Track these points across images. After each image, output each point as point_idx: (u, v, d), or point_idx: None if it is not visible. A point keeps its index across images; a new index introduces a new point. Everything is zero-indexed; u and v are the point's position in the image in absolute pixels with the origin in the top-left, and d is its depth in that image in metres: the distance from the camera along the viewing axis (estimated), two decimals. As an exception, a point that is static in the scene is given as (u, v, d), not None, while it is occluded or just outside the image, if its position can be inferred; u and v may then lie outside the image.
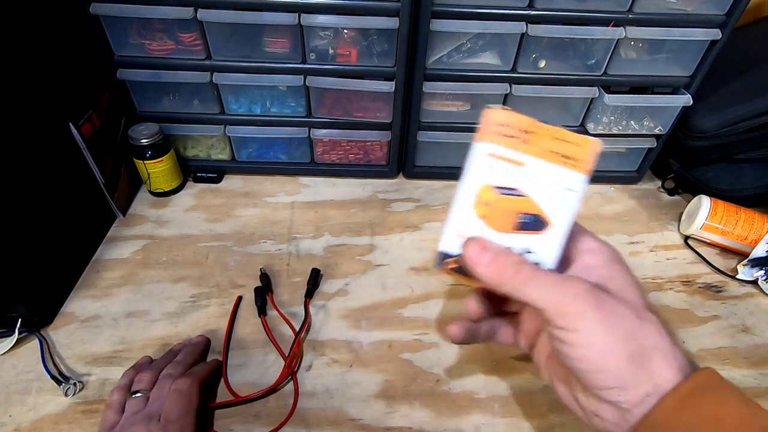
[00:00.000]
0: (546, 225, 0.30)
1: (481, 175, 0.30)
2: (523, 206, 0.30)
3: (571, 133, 0.30)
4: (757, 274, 0.62)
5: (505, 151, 0.30)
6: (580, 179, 0.30)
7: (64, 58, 0.57)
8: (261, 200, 0.73)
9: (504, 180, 0.30)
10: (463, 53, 0.65)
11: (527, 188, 0.30)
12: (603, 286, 0.29)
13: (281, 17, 0.59)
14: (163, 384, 0.43)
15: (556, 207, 0.30)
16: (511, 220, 0.30)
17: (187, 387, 0.42)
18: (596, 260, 0.31)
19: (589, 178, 0.30)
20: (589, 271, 0.30)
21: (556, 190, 0.30)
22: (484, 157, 0.30)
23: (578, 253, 0.31)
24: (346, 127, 0.72)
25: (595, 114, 0.71)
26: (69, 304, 0.56)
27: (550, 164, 0.30)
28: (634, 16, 0.60)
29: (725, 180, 0.72)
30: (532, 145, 0.30)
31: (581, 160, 0.30)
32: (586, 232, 0.32)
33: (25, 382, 0.48)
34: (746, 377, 0.52)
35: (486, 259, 0.29)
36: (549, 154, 0.30)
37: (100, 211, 0.65)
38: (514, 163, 0.30)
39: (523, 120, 0.30)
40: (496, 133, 0.30)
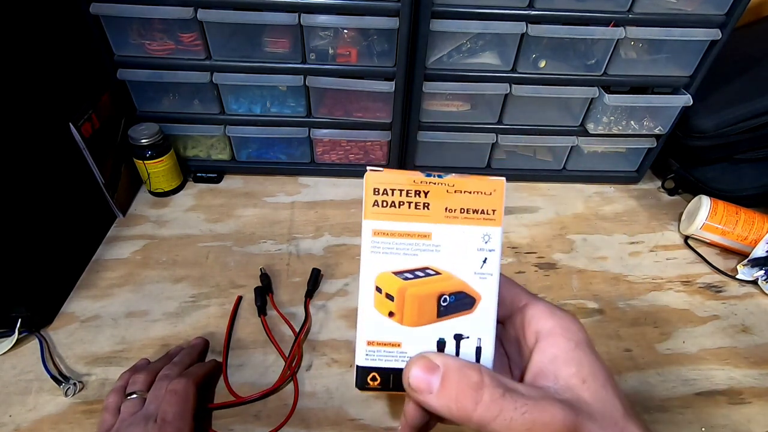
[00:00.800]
0: (475, 300, 0.25)
1: (375, 263, 0.25)
2: (441, 286, 0.25)
3: (471, 179, 0.25)
4: (757, 274, 0.62)
5: (400, 225, 0.25)
6: (497, 234, 0.25)
7: (64, 58, 0.57)
8: (261, 200, 0.73)
9: (406, 261, 0.25)
10: (463, 53, 0.65)
11: (440, 263, 0.25)
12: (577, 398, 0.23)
13: (281, 17, 0.59)
14: (159, 385, 0.43)
15: (478, 275, 0.25)
16: (430, 307, 0.25)
17: (183, 388, 0.42)
18: (558, 348, 0.24)
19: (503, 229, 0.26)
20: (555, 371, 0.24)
21: (474, 255, 0.25)
22: (374, 239, 0.25)
23: (533, 337, 0.25)
24: (346, 127, 0.72)
25: (595, 114, 0.71)
26: (69, 304, 0.56)
27: (458, 227, 0.25)
28: (634, 16, 0.60)
29: (725, 180, 0.72)
30: (433, 209, 0.25)
31: (491, 209, 0.25)
32: (531, 298, 0.27)
33: (25, 382, 0.48)
34: (746, 377, 0.52)
35: (435, 386, 0.22)
36: (453, 214, 0.25)
37: (100, 211, 0.65)
38: (417, 236, 0.25)
39: (412, 178, 0.25)
40: (383, 205, 0.25)
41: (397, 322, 0.25)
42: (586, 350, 0.24)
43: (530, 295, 0.27)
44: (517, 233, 0.69)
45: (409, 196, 0.25)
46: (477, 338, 0.25)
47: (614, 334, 0.56)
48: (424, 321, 0.25)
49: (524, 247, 0.67)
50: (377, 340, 0.25)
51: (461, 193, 0.25)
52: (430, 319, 0.25)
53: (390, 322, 0.25)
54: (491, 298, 0.25)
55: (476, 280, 0.25)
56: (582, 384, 0.23)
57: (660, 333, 0.56)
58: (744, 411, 0.49)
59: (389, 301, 0.25)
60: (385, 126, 0.72)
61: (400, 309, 0.25)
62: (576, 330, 0.25)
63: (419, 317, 0.25)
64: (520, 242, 0.68)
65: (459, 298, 0.25)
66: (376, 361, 0.25)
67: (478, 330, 0.25)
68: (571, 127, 0.73)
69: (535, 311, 0.26)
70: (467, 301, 0.25)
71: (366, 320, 0.25)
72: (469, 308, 0.25)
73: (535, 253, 0.66)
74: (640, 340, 0.55)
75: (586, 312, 0.58)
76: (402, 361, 0.25)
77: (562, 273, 0.64)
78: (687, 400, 0.50)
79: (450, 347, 0.25)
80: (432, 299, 0.25)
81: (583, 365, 0.24)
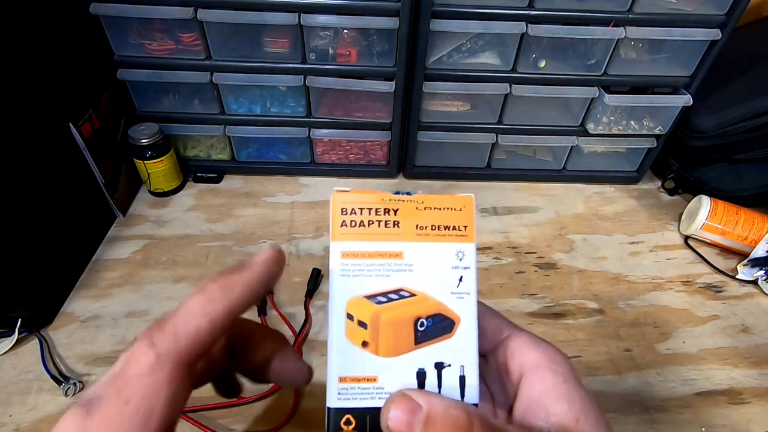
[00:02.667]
0: (454, 323, 0.23)
1: (345, 287, 0.23)
2: (417, 309, 0.23)
3: (440, 196, 0.24)
4: (757, 274, 0.62)
5: (370, 245, 0.23)
6: (470, 250, 0.24)
7: (64, 58, 0.57)
8: (261, 200, 0.73)
9: (379, 284, 0.23)
10: (463, 53, 0.65)
11: (414, 283, 0.23)
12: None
13: (281, 17, 0.59)
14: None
15: (455, 294, 0.24)
16: (406, 333, 0.23)
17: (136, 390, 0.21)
18: (546, 383, 0.23)
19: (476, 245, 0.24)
20: (546, 408, 0.22)
21: (449, 274, 0.24)
22: (343, 262, 0.23)
23: (517, 371, 0.23)
24: (346, 127, 0.72)
25: (595, 114, 0.71)
26: (69, 304, 0.56)
27: (432, 244, 0.24)
28: (634, 16, 0.60)
29: (725, 180, 0.72)
30: (403, 226, 0.24)
31: (463, 224, 0.24)
32: (513, 329, 0.25)
33: (25, 382, 0.48)
34: (746, 377, 0.52)
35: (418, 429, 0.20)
36: (425, 231, 0.24)
37: (100, 211, 0.65)
38: (388, 256, 0.23)
39: (380, 197, 0.24)
40: (351, 225, 0.23)
41: (372, 353, 0.23)
42: (575, 384, 0.23)
43: (512, 326, 0.25)
44: (517, 233, 0.69)
45: (378, 215, 0.24)
46: (459, 366, 0.23)
47: (614, 334, 0.56)
48: (401, 349, 0.23)
49: (524, 247, 0.67)
50: (351, 375, 0.23)
51: (431, 209, 0.24)
52: (408, 347, 0.23)
53: (364, 353, 0.23)
54: (470, 320, 0.24)
55: (453, 301, 0.23)
56: (575, 423, 0.22)
57: (660, 333, 0.56)
58: (744, 411, 0.49)
59: (362, 329, 0.23)
60: (385, 126, 0.72)
61: (374, 337, 0.23)
62: (561, 361, 0.23)
63: (396, 345, 0.23)
64: (520, 242, 0.68)
65: (437, 322, 0.23)
66: (350, 400, 0.22)
67: (460, 356, 0.23)
68: (571, 127, 0.73)
69: (518, 343, 0.24)
70: (446, 324, 0.23)
71: (337, 353, 0.23)
72: (448, 332, 0.23)
73: (535, 253, 0.66)
74: (640, 340, 0.55)
75: (586, 312, 0.58)
76: (379, 399, 0.22)
77: (562, 273, 0.64)
78: (687, 400, 0.50)
79: (431, 378, 0.23)
80: (408, 324, 0.23)
81: (574, 401, 0.22)
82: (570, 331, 0.56)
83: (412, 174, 0.79)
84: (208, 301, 0.20)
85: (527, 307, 0.58)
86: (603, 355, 0.54)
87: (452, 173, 0.79)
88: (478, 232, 0.26)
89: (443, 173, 0.79)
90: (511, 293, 0.60)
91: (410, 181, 0.79)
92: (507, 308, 0.58)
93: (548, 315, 0.58)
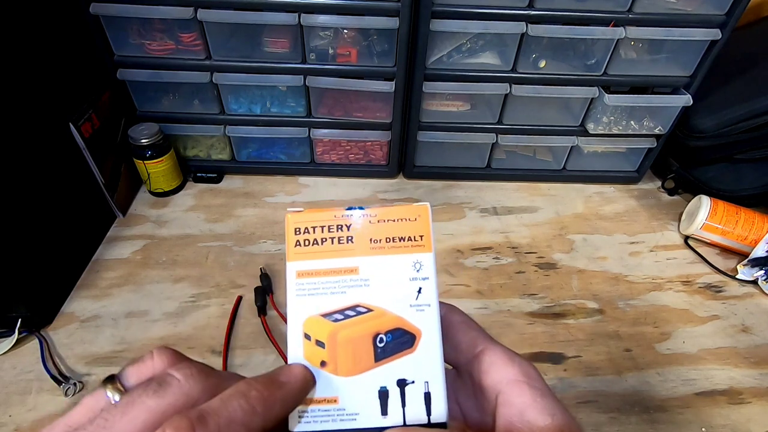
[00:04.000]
0: (415, 337, 0.23)
1: (301, 307, 0.23)
2: (375, 325, 0.22)
3: (393, 207, 0.24)
4: (757, 274, 0.62)
5: (324, 262, 0.23)
6: (428, 260, 0.23)
7: (64, 58, 0.57)
8: (261, 200, 0.73)
9: (335, 301, 0.23)
10: (463, 53, 0.65)
11: (371, 298, 0.23)
12: None
13: (281, 17, 0.59)
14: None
15: (415, 307, 0.23)
16: (365, 350, 0.22)
17: None
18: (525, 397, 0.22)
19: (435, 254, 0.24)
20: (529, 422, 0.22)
21: (407, 286, 0.23)
22: (298, 281, 0.23)
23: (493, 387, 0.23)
24: (346, 127, 0.72)
25: (595, 114, 0.71)
26: (69, 304, 0.56)
27: (387, 257, 0.23)
28: (634, 16, 0.60)
29: (725, 180, 0.72)
30: (357, 241, 0.23)
31: (420, 234, 0.23)
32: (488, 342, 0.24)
33: (25, 382, 0.48)
34: (746, 377, 0.52)
35: None
36: (379, 244, 0.23)
37: (100, 211, 0.65)
38: (343, 272, 0.23)
39: (332, 213, 0.23)
40: (305, 244, 0.23)
41: (332, 373, 0.22)
42: (553, 398, 0.22)
43: (487, 339, 0.24)
44: (517, 233, 0.69)
45: (331, 232, 0.23)
46: (424, 382, 0.22)
47: (614, 334, 0.56)
48: (361, 368, 0.22)
49: (524, 247, 0.67)
50: (311, 396, 0.22)
51: (384, 222, 0.23)
52: (368, 365, 0.22)
53: (323, 373, 0.22)
54: (433, 333, 0.23)
55: (413, 314, 0.23)
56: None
57: (660, 333, 0.56)
58: (744, 411, 0.49)
59: (320, 349, 0.22)
60: (385, 126, 0.72)
61: (333, 356, 0.22)
62: (537, 377, 0.23)
63: (355, 363, 0.22)
64: (520, 242, 0.68)
65: (397, 336, 0.22)
66: (311, 423, 0.22)
67: (424, 372, 0.22)
68: (571, 127, 0.73)
69: (493, 358, 0.23)
70: (406, 339, 0.22)
71: None
72: (409, 347, 0.22)
73: (535, 253, 0.66)
74: (640, 340, 0.55)
75: (586, 312, 0.58)
76: (341, 421, 0.22)
77: (562, 273, 0.64)
78: (687, 400, 0.50)
79: (394, 397, 0.22)
80: (367, 340, 0.22)
81: (556, 414, 0.22)
82: (570, 331, 0.56)
83: (412, 174, 0.79)
84: (252, 413, 0.19)
85: (527, 307, 0.58)
86: (603, 355, 0.54)
87: (452, 173, 0.79)
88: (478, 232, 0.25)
89: (443, 173, 0.79)
90: (511, 293, 0.60)
91: (410, 181, 0.79)
92: (507, 308, 0.58)
93: (548, 315, 0.58)
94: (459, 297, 0.59)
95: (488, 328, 0.60)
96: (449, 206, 0.74)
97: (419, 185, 0.78)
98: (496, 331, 0.55)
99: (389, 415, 0.22)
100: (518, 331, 0.55)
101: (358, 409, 0.22)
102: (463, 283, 0.61)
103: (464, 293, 0.60)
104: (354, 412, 0.22)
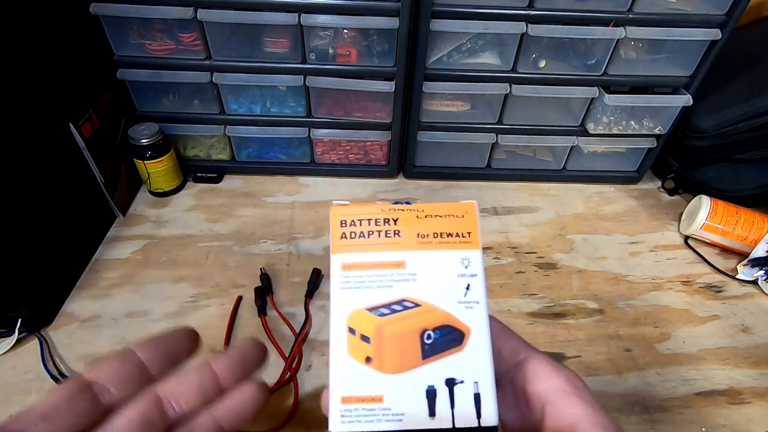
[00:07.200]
0: (464, 334, 0.22)
1: (346, 300, 0.22)
2: (423, 320, 0.22)
3: (441, 204, 0.23)
4: (757, 274, 0.62)
5: (371, 255, 0.22)
6: (476, 257, 0.23)
7: (64, 58, 0.57)
8: (261, 200, 0.73)
9: (381, 295, 0.22)
10: (463, 53, 0.65)
11: (418, 293, 0.22)
12: None
13: (281, 17, 0.59)
14: None
15: (463, 304, 0.22)
16: (412, 346, 0.21)
17: None
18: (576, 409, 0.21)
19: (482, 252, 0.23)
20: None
21: (456, 282, 0.22)
22: (344, 274, 0.22)
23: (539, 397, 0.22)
24: (346, 127, 0.72)
25: (595, 114, 0.71)
26: (69, 304, 0.56)
27: (435, 252, 0.23)
28: (634, 16, 0.60)
29: (725, 180, 0.72)
30: (404, 235, 0.23)
31: (467, 231, 0.23)
32: (530, 351, 0.24)
33: (25, 382, 0.48)
34: (746, 377, 0.52)
35: None
36: (427, 239, 0.23)
37: (100, 211, 0.65)
38: (390, 266, 0.22)
39: (379, 207, 0.23)
40: (351, 237, 0.23)
41: (377, 369, 0.21)
42: (602, 411, 0.21)
43: (528, 347, 0.24)
44: (517, 233, 0.69)
45: (378, 225, 0.23)
46: (473, 382, 0.21)
47: (614, 334, 0.56)
48: (407, 365, 0.21)
49: (524, 247, 0.67)
50: (354, 395, 0.21)
51: (432, 217, 0.23)
52: (415, 362, 0.21)
53: (368, 370, 0.21)
54: (482, 330, 0.22)
55: (462, 310, 0.22)
56: None
57: (660, 333, 0.56)
58: (744, 411, 0.49)
59: (365, 344, 0.21)
60: (385, 126, 0.72)
61: (378, 352, 0.21)
62: (584, 387, 0.22)
63: (402, 360, 0.21)
64: (520, 242, 0.68)
65: (445, 333, 0.22)
66: (354, 423, 0.21)
67: (473, 371, 0.21)
68: (571, 127, 0.73)
69: (537, 366, 0.22)
70: (455, 336, 0.22)
71: (339, 371, 0.21)
72: (458, 345, 0.22)
73: (535, 253, 0.66)
74: (640, 340, 0.55)
75: (586, 312, 0.58)
76: (386, 421, 0.21)
77: (562, 273, 0.64)
78: (687, 400, 0.50)
79: (442, 397, 0.21)
80: (414, 336, 0.21)
81: (608, 428, 0.21)
82: (570, 331, 0.56)
83: (412, 174, 0.79)
84: None
85: (527, 307, 0.58)
86: (603, 355, 0.54)
87: (452, 173, 0.79)
88: None
89: (443, 173, 0.79)
90: (511, 293, 0.60)
91: (410, 181, 0.79)
92: (507, 308, 0.58)
93: (548, 315, 0.58)
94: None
95: (488, 328, 0.59)
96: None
97: (419, 185, 0.78)
98: (496, 331, 0.55)
99: (437, 416, 0.21)
100: (518, 331, 0.54)
101: (405, 409, 0.21)
102: None
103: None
104: (400, 412, 0.21)
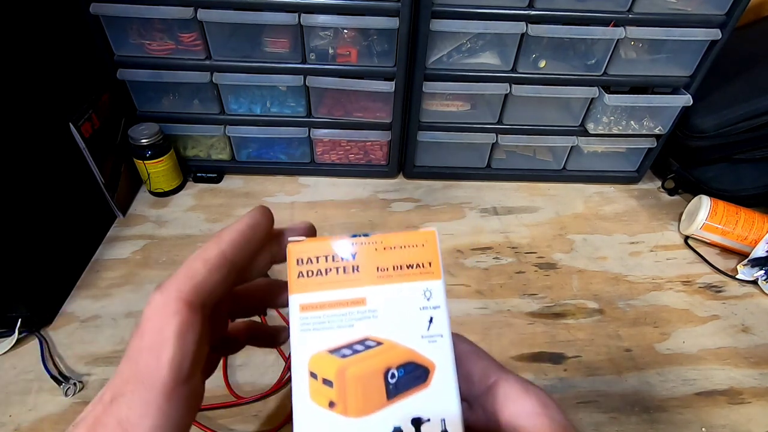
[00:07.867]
0: (428, 370, 0.21)
1: (306, 343, 0.21)
2: (386, 359, 0.21)
3: (399, 234, 0.23)
4: (757, 274, 0.62)
5: (329, 294, 0.21)
6: (438, 288, 0.22)
7: (63, 58, 0.57)
8: (261, 200, 0.73)
9: (342, 335, 0.21)
10: (463, 53, 0.65)
11: (380, 331, 0.21)
12: None
13: (281, 17, 0.59)
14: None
15: (427, 338, 0.21)
16: (376, 387, 0.21)
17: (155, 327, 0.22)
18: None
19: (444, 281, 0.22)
20: None
21: (418, 316, 0.21)
22: (302, 315, 0.21)
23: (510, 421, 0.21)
24: (346, 127, 0.72)
25: (595, 114, 0.71)
26: (69, 304, 0.56)
27: (395, 285, 0.22)
28: (634, 16, 0.60)
29: (725, 180, 0.72)
30: (363, 270, 0.22)
31: (428, 261, 0.22)
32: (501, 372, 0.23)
33: (25, 382, 0.48)
34: (746, 377, 0.52)
35: None
36: (387, 272, 0.22)
37: (100, 211, 0.65)
38: (349, 304, 0.21)
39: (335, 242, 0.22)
40: (308, 275, 0.22)
41: (341, 414, 0.20)
42: (573, 430, 0.21)
43: (499, 368, 0.23)
44: (517, 233, 0.69)
45: (335, 261, 0.22)
46: (440, 420, 0.20)
47: (614, 334, 0.56)
48: (372, 407, 0.20)
49: (524, 247, 0.67)
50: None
51: (391, 249, 0.22)
52: (380, 403, 0.20)
53: (332, 414, 0.20)
54: (447, 365, 0.21)
55: (425, 345, 0.21)
56: None
57: (660, 333, 0.56)
58: (744, 411, 0.49)
59: (328, 388, 0.20)
60: (385, 126, 0.72)
61: (342, 396, 0.20)
62: (555, 407, 0.22)
63: (366, 402, 0.20)
64: (520, 242, 0.68)
65: (409, 371, 0.21)
66: None
67: (439, 408, 0.20)
68: (571, 127, 0.73)
69: (508, 389, 0.22)
70: (419, 373, 0.21)
71: (303, 418, 0.20)
72: (423, 381, 0.21)
73: (535, 253, 0.66)
74: (640, 340, 0.55)
75: (586, 312, 0.58)
76: None
77: (562, 273, 0.64)
78: (687, 400, 0.50)
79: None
80: (378, 377, 0.20)
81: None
82: (570, 331, 0.56)
83: (412, 174, 0.79)
84: (203, 250, 0.21)
85: (527, 307, 0.58)
86: (603, 355, 0.54)
87: (452, 173, 0.79)
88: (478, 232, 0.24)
89: (443, 173, 0.79)
90: (511, 293, 0.60)
91: (410, 181, 0.79)
92: (507, 308, 0.58)
93: (548, 315, 0.58)
94: (459, 297, 0.59)
95: (488, 328, 0.60)
96: (449, 206, 0.74)
97: (419, 185, 0.78)
98: (496, 331, 0.55)
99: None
100: (518, 331, 0.55)
101: None
102: (463, 283, 0.61)
103: (464, 293, 0.60)
104: None
